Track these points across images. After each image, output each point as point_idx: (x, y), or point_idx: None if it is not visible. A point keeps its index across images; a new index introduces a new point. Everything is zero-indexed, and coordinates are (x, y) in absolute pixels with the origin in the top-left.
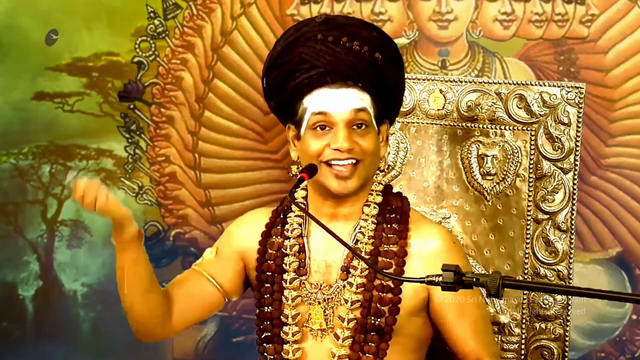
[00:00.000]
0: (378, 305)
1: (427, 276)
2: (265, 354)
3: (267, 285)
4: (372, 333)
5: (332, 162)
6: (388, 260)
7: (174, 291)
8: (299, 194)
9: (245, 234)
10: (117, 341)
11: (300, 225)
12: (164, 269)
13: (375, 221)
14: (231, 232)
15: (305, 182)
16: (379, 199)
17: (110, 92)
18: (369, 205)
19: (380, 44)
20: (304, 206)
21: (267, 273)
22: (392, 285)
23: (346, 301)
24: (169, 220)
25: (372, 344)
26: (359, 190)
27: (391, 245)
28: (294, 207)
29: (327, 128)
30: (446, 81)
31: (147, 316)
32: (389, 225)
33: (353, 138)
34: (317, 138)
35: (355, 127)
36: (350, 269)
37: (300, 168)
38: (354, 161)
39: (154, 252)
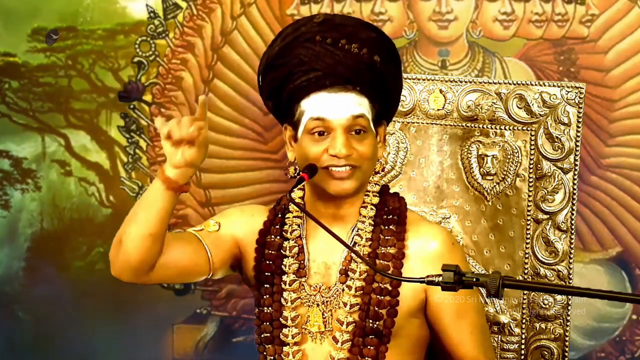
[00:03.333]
0: (376, 309)
1: (427, 276)
2: (265, 354)
3: (266, 286)
4: (370, 336)
5: (331, 168)
6: (386, 262)
7: (169, 247)
8: (296, 194)
9: (245, 226)
10: (12, 341)
11: (299, 226)
12: None
13: (373, 223)
14: (233, 218)
15: (302, 183)
16: (376, 200)
17: (7, 92)
18: (365, 207)
19: (378, 45)
20: (303, 206)
21: (267, 274)
22: (390, 288)
23: (345, 304)
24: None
25: (371, 347)
26: (356, 192)
27: (389, 248)
28: (292, 208)
29: (325, 133)
30: (446, 81)
31: (141, 259)
32: (386, 227)
33: (351, 144)
34: (315, 143)
35: (353, 132)
36: (349, 272)
37: (298, 169)
38: (351, 166)
39: None
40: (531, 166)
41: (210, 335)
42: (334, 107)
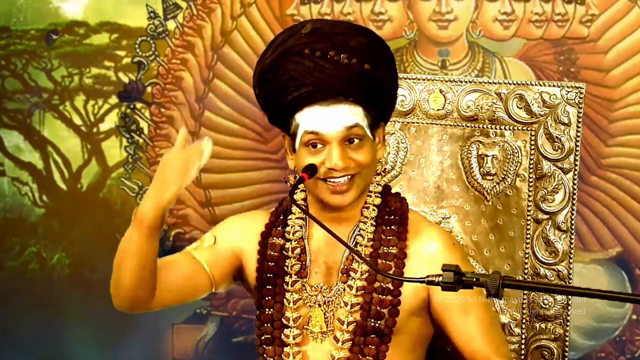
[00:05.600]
0: (378, 308)
1: (427, 276)
2: (265, 355)
3: (267, 287)
4: (372, 335)
5: (329, 180)
6: (387, 262)
7: (165, 271)
8: (299, 195)
9: (244, 233)
10: None
11: (301, 227)
12: None
13: (375, 223)
14: (231, 228)
15: (302, 183)
16: (378, 200)
17: None
18: (367, 208)
19: (368, 51)
20: (304, 208)
21: (268, 275)
22: (391, 288)
23: (346, 304)
24: (169, 220)
25: (372, 346)
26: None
27: (390, 248)
28: (294, 209)
29: (320, 146)
30: (446, 81)
31: (137, 295)
32: (388, 227)
33: (347, 154)
34: (312, 155)
35: (348, 142)
36: (350, 272)
37: (298, 177)
38: (350, 176)
39: None
40: (531, 166)
41: (210, 335)
42: (327, 120)
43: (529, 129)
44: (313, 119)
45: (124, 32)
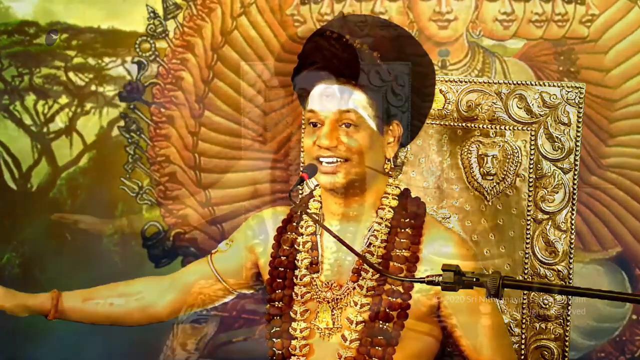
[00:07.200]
0: (387, 310)
1: (427, 276)
2: (274, 348)
3: (278, 280)
4: (379, 337)
5: (320, 159)
6: (399, 265)
7: (178, 284)
8: (317, 191)
9: (260, 231)
10: None
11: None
12: (164, 269)
13: (390, 225)
14: (248, 226)
15: (302, 183)
16: (395, 202)
17: None
18: (383, 209)
19: (385, 43)
20: (319, 204)
21: (280, 268)
22: (402, 291)
23: (355, 304)
24: (169, 220)
25: (379, 348)
26: (356, 190)
27: (403, 250)
28: (310, 205)
29: (319, 125)
30: (446, 81)
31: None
32: (402, 230)
33: (337, 136)
34: (310, 135)
35: (343, 125)
36: (361, 272)
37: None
38: (340, 159)
39: (154, 252)
40: (531, 166)
41: (210, 335)
42: (325, 100)
43: (529, 129)
44: (316, 98)
45: (74, 32)
